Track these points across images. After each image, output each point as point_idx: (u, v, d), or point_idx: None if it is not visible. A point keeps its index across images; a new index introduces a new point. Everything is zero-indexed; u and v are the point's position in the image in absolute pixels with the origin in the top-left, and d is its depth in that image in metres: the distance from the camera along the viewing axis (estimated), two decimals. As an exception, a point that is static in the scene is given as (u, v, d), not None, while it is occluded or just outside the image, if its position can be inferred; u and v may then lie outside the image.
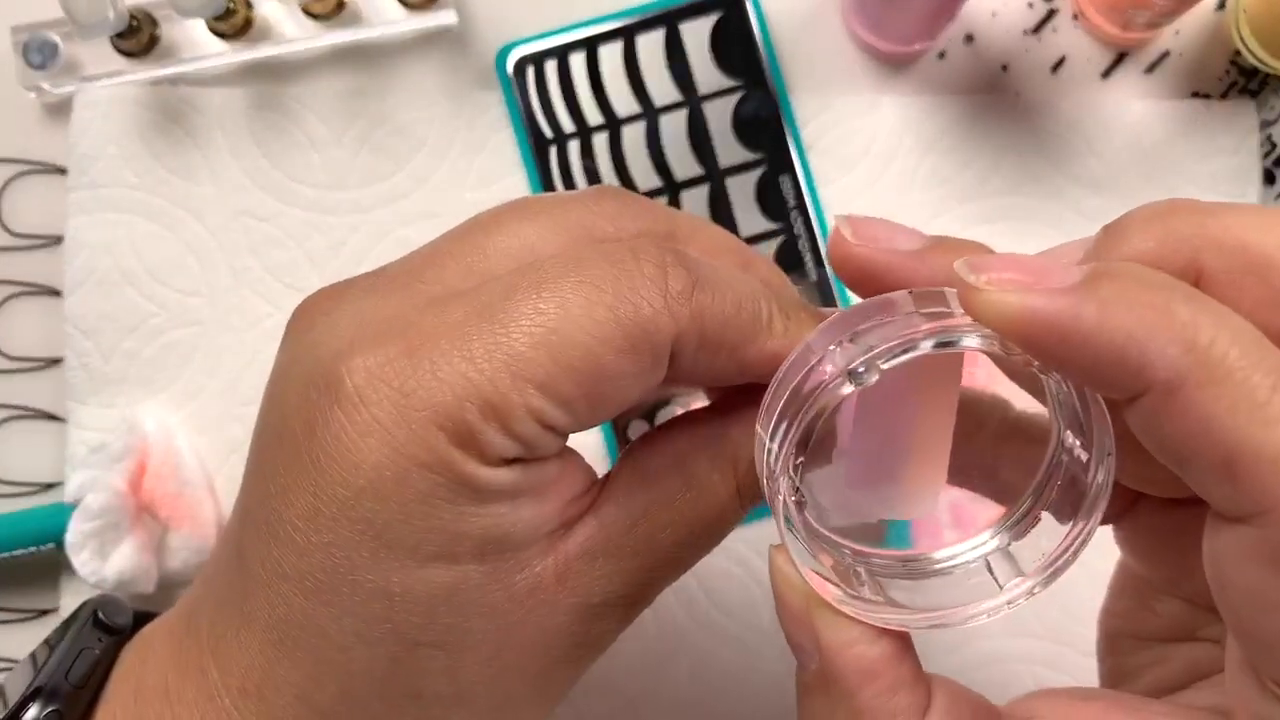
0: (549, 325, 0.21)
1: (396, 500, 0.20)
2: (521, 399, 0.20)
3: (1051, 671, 0.40)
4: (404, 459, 0.20)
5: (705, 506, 0.24)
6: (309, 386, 0.21)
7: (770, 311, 0.23)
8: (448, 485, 0.20)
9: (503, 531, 0.21)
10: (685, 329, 0.21)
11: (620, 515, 0.23)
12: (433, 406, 0.20)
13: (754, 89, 0.41)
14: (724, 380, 0.23)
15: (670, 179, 0.41)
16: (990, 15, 0.42)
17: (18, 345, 0.42)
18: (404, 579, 0.21)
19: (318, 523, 0.21)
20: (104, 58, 0.41)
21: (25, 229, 0.42)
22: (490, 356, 0.20)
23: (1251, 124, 0.41)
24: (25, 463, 0.41)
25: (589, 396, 0.21)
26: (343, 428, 0.20)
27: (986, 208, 0.41)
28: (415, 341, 0.21)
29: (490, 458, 0.21)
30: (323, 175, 0.41)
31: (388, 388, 0.20)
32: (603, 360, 0.21)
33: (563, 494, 0.23)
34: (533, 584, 0.22)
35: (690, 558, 0.24)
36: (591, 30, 0.41)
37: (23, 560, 0.39)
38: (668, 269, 0.22)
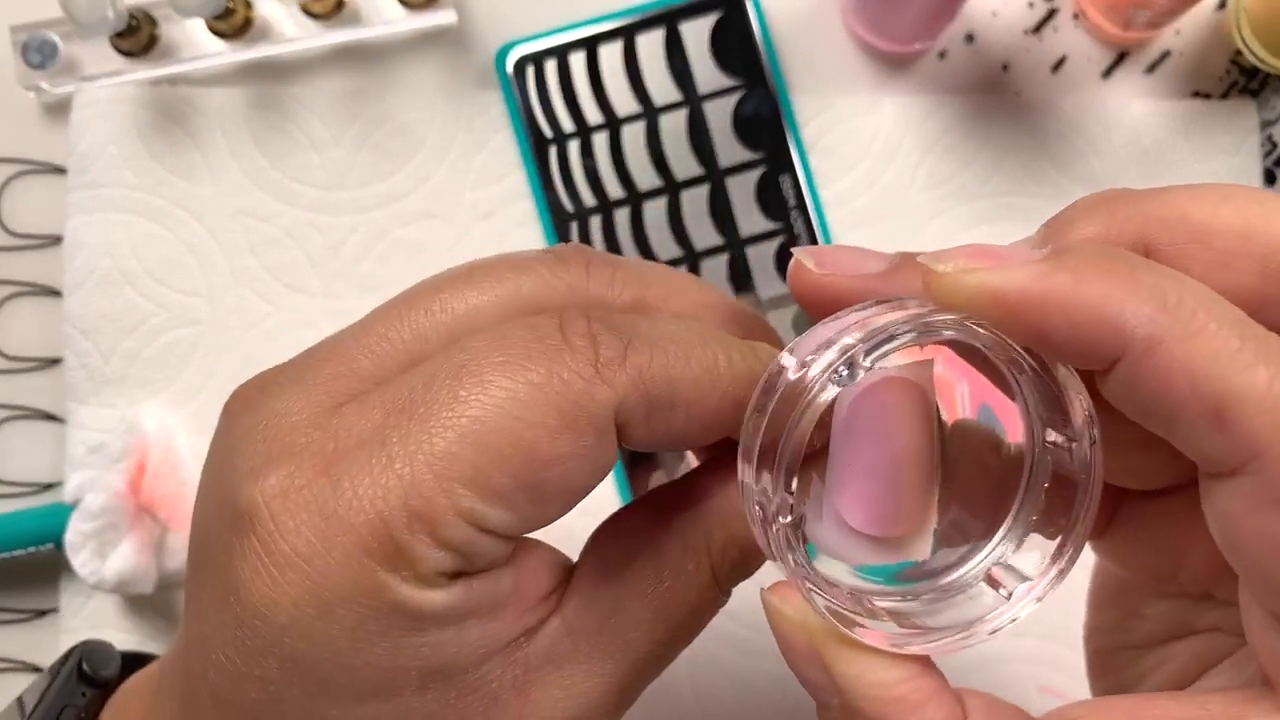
0: (471, 414, 0.19)
1: (322, 638, 0.19)
2: (449, 501, 0.18)
3: (1052, 671, 0.40)
4: (326, 593, 0.18)
5: (680, 597, 0.22)
6: (225, 508, 0.20)
7: (729, 357, 0.21)
8: (378, 616, 0.19)
9: (446, 659, 0.19)
10: (626, 395, 0.20)
11: (588, 616, 0.21)
12: (356, 528, 0.18)
13: (754, 88, 0.41)
14: (695, 441, 0.22)
15: (670, 179, 0.41)
16: (991, 15, 0.42)
17: (17, 345, 0.42)
18: (342, 716, 0.19)
19: (245, 654, 0.19)
20: (103, 57, 0.41)
21: (24, 229, 0.42)
22: (411, 459, 0.18)
23: (1252, 124, 0.41)
24: (24, 463, 0.41)
25: (528, 488, 0.19)
26: (260, 559, 0.19)
27: (987, 207, 0.41)
28: (332, 454, 0.19)
29: (425, 575, 0.19)
30: (322, 175, 0.41)
31: (305, 513, 0.19)
32: (536, 445, 0.19)
33: (521, 603, 0.21)
34: (488, 702, 0.20)
35: (669, 653, 0.22)
36: (591, 30, 0.41)
37: (22, 560, 0.39)
38: (595, 336, 0.20)
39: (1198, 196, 0.19)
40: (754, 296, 0.41)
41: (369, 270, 0.41)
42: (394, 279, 0.41)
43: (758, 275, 0.41)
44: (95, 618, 0.40)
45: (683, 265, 0.41)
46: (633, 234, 0.41)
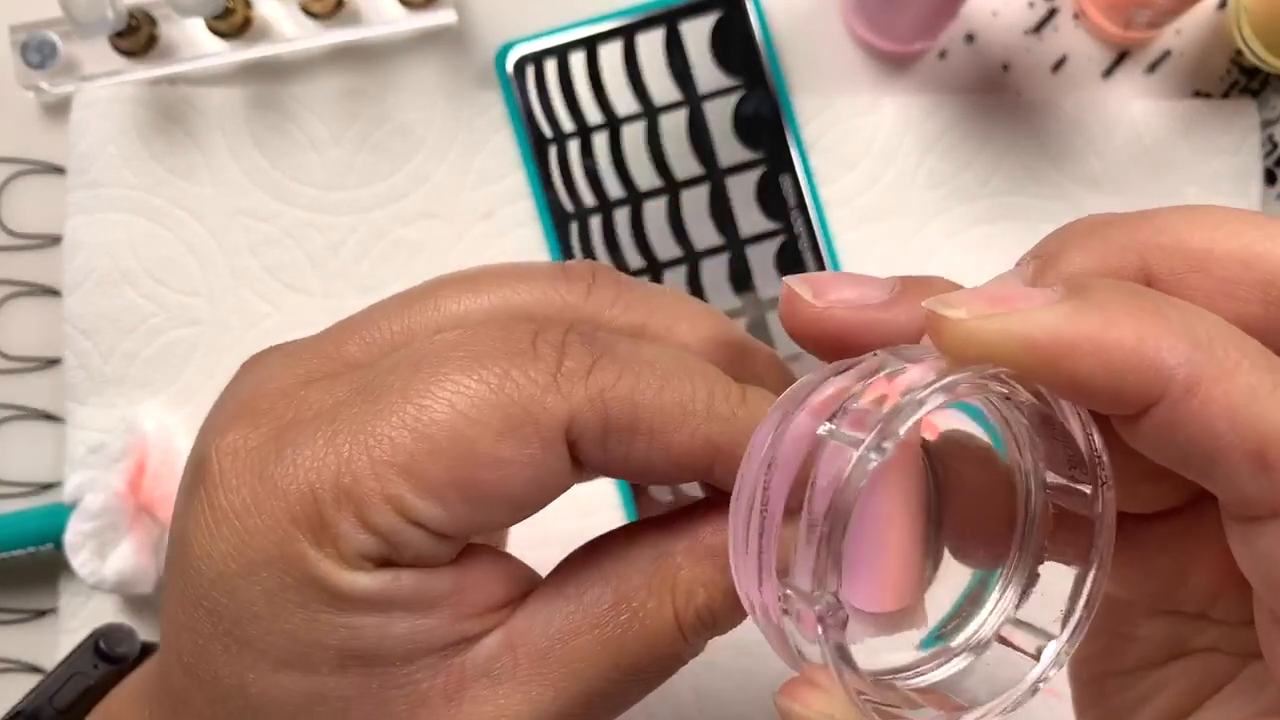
0: (420, 403, 0.18)
1: (244, 596, 0.19)
2: (379, 485, 0.18)
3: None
4: (252, 551, 0.18)
5: (636, 634, 0.20)
6: (191, 462, 0.20)
7: (710, 394, 0.20)
8: (298, 586, 0.18)
9: (368, 645, 0.19)
10: (580, 411, 0.19)
11: (534, 635, 0.20)
12: (287, 495, 0.18)
13: (754, 88, 0.41)
14: (661, 476, 0.20)
15: (670, 178, 0.41)
16: (991, 14, 0.42)
17: (17, 345, 0.42)
18: (259, 680, 0.19)
19: (182, 603, 0.19)
20: (103, 57, 0.41)
21: (24, 229, 0.42)
22: (352, 438, 0.18)
23: (1252, 123, 0.41)
24: (24, 463, 0.41)
25: (463, 486, 0.18)
26: (202, 511, 0.19)
27: (987, 207, 0.41)
28: (289, 423, 0.19)
29: (349, 556, 0.18)
30: (322, 175, 0.41)
31: (248, 472, 0.19)
32: (476, 444, 0.18)
33: (461, 608, 0.20)
34: (415, 702, 0.19)
35: (619, 696, 0.21)
36: (591, 29, 0.41)
37: (21, 561, 0.39)
38: (566, 346, 0.19)
39: (1193, 221, 0.18)
40: (754, 296, 0.41)
41: (369, 270, 0.41)
42: (394, 279, 0.41)
43: (758, 275, 0.41)
44: (95, 618, 0.40)
45: (683, 265, 0.41)
46: (633, 234, 0.41)
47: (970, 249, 0.41)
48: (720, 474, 0.20)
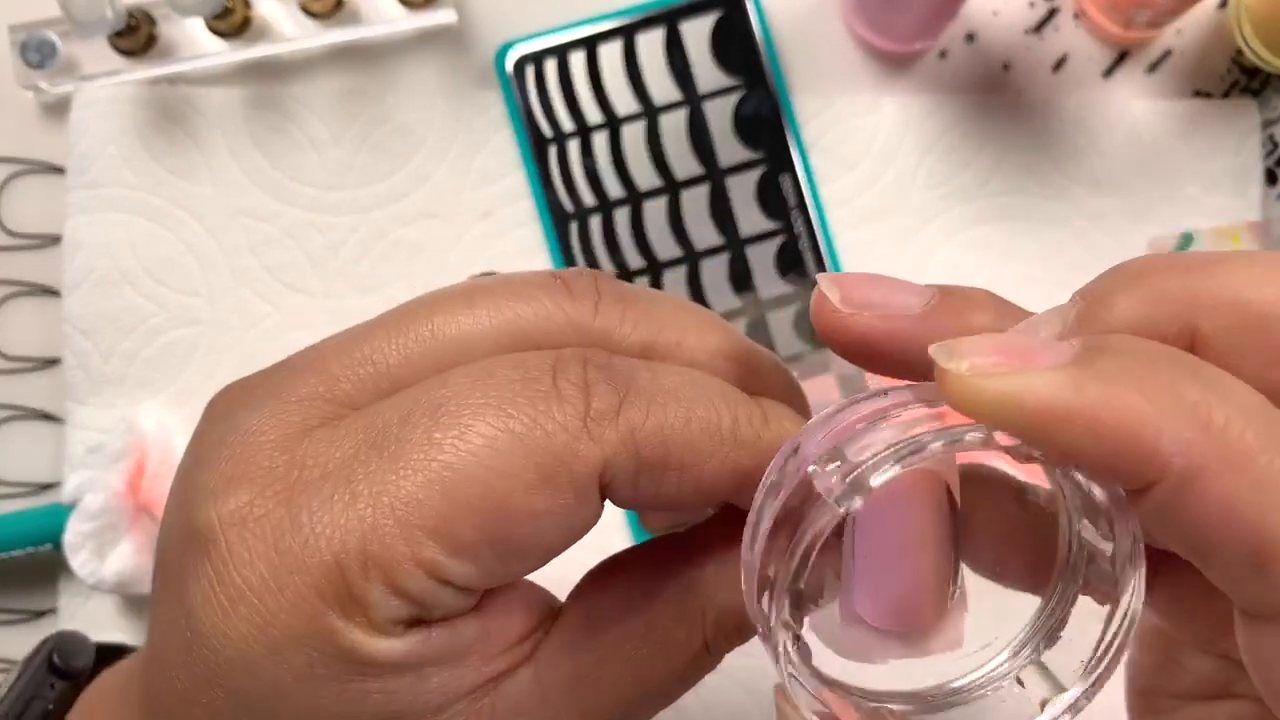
0: (443, 459, 0.18)
1: (269, 677, 0.18)
2: (409, 549, 0.17)
3: None
4: (275, 632, 0.17)
5: (664, 662, 0.20)
6: (185, 526, 0.19)
7: (736, 418, 0.19)
8: (328, 660, 0.18)
9: (400, 707, 0.18)
10: (614, 454, 0.18)
11: (563, 669, 0.20)
12: (310, 569, 0.17)
13: (754, 88, 0.41)
14: (687, 505, 0.20)
15: (670, 178, 0.41)
16: (991, 14, 0.42)
17: (16, 345, 0.42)
18: None
19: (194, 680, 0.18)
20: (102, 57, 0.41)
21: (23, 229, 0.42)
22: (375, 500, 0.17)
23: (1253, 123, 0.41)
24: (23, 463, 0.41)
25: (495, 543, 0.18)
26: (212, 588, 0.18)
27: (987, 207, 0.41)
28: (295, 483, 0.18)
29: (378, 623, 0.18)
30: (322, 175, 0.41)
31: (261, 545, 0.18)
32: (508, 499, 0.18)
33: (488, 650, 0.19)
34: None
35: (645, 713, 0.21)
36: (591, 29, 0.41)
37: (20, 561, 0.39)
38: (590, 385, 0.18)
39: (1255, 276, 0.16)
40: (754, 296, 0.41)
41: (369, 270, 0.41)
42: (394, 279, 0.41)
43: (758, 275, 0.41)
44: (94, 618, 0.40)
45: (683, 265, 0.41)
46: (633, 234, 0.41)
47: (970, 248, 0.41)
48: (748, 497, 0.19)
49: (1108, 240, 0.41)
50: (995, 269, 0.41)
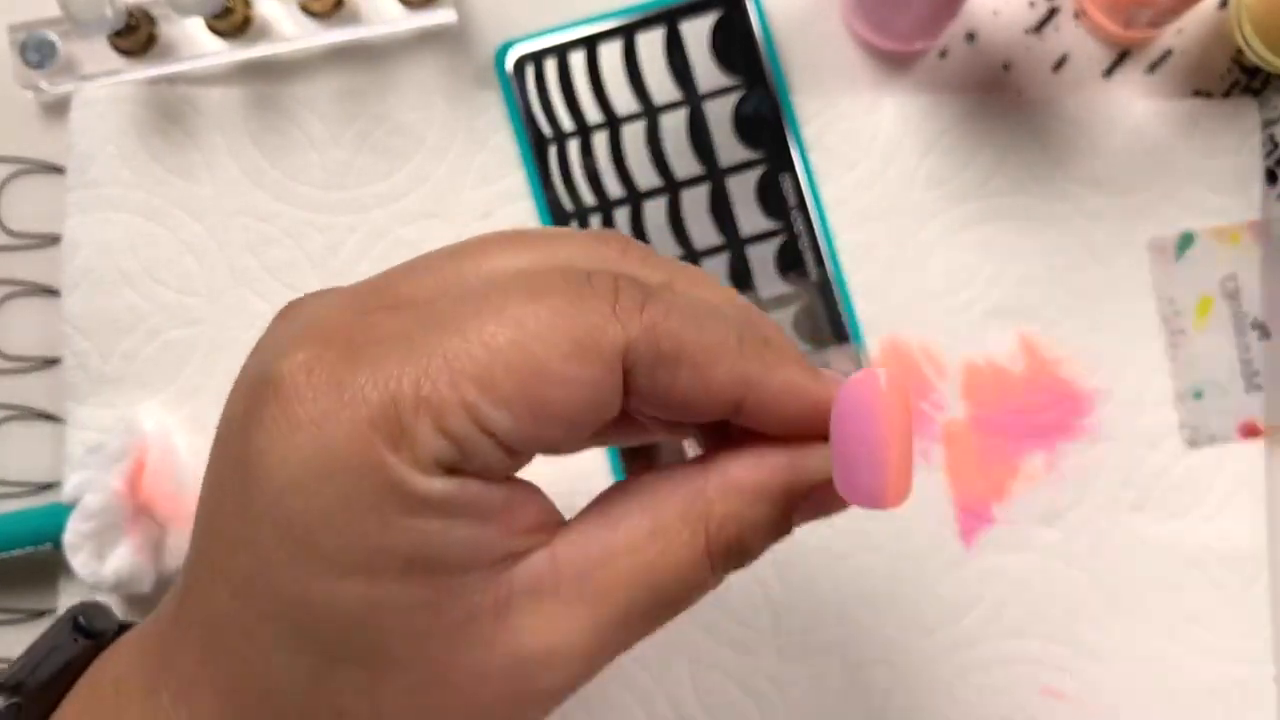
0: (491, 327, 0.20)
1: (319, 501, 0.20)
2: (457, 393, 0.20)
3: (1053, 672, 0.40)
4: (331, 457, 0.20)
5: (670, 562, 0.22)
6: (252, 385, 0.21)
7: (741, 337, 0.22)
8: (375, 489, 0.20)
9: (433, 550, 0.20)
10: (636, 339, 0.21)
11: (576, 556, 0.22)
12: (367, 403, 0.20)
13: (754, 87, 0.41)
14: (697, 409, 0.23)
15: (670, 178, 0.41)
16: (992, 13, 0.42)
17: (15, 345, 0.42)
18: (323, 589, 0.20)
19: (245, 518, 0.20)
20: (102, 56, 0.41)
21: (23, 228, 0.42)
22: (430, 353, 0.20)
23: (1254, 123, 0.41)
24: (23, 463, 0.41)
25: (531, 400, 0.20)
26: (275, 422, 0.20)
27: (987, 207, 0.41)
28: (360, 341, 0.20)
29: (423, 461, 0.20)
30: (321, 174, 0.41)
31: (323, 382, 0.20)
32: (545, 363, 0.20)
33: (511, 524, 0.21)
34: (466, 615, 0.21)
35: (649, 619, 0.23)
36: (591, 28, 0.41)
37: (20, 561, 0.39)
38: (620, 287, 0.21)
39: None
40: (754, 296, 0.41)
41: (369, 270, 0.41)
42: (393, 279, 0.41)
43: (758, 275, 0.41)
44: (94, 618, 0.40)
45: (683, 265, 0.41)
46: (633, 233, 0.41)
47: (970, 248, 0.41)
48: (751, 406, 0.23)
49: (1108, 240, 0.41)
50: (995, 268, 0.41)
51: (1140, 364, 0.41)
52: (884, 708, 0.40)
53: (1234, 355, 0.41)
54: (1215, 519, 0.40)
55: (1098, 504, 0.40)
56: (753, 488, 0.23)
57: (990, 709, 0.40)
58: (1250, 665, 0.40)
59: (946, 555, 0.40)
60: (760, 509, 0.23)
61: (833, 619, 0.40)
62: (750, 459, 0.23)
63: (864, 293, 0.41)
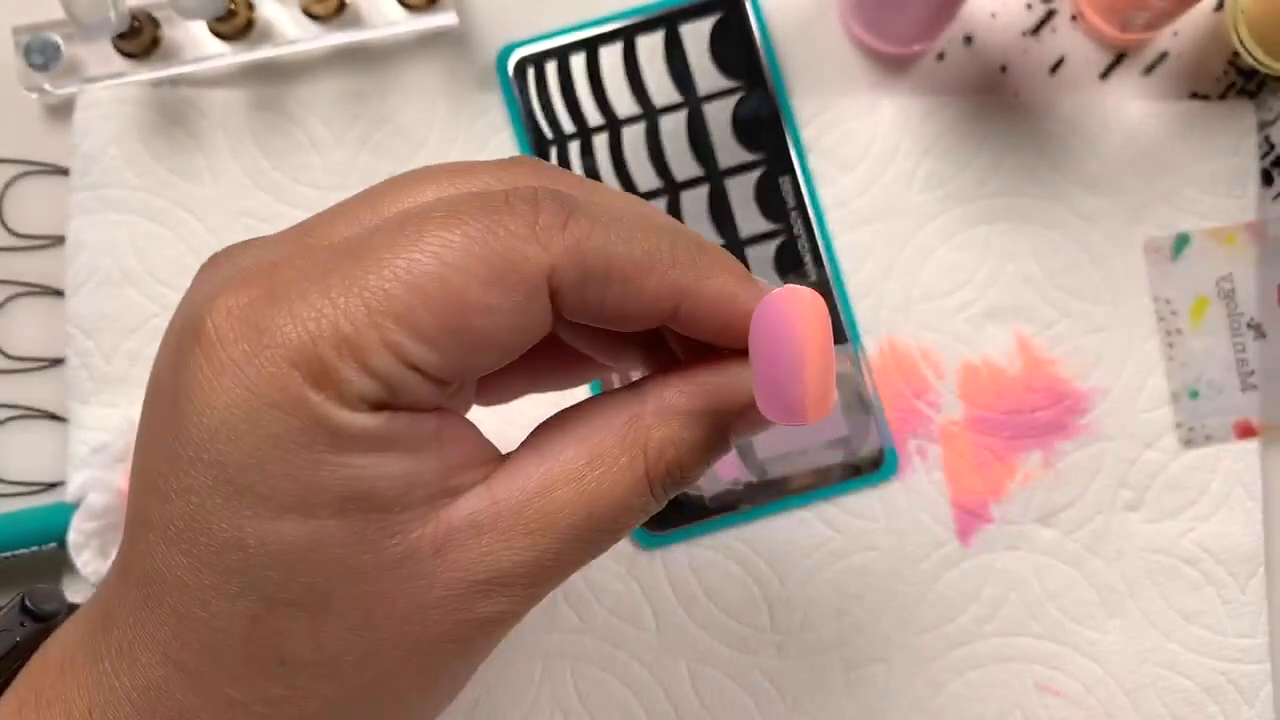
0: (409, 257, 0.20)
1: (248, 442, 0.19)
2: (378, 333, 0.20)
3: (1050, 670, 0.40)
4: (256, 398, 0.19)
5: (609, 488, 0.22)
6: (180, 331, 0.21)
7: (674, 244, 0.22)
8: (302, 428, 0.19)
9: (366, 486, 0.20)
10: (559, 260, 0.21)
11: (514, 488, 0.22)
12: (286, 344, 0.19)
13: (754, 90, 0.41)
14: (633, 320, 0.23)
15: (670, 179, 0.41)
16: (989, 16, 0.42)
17: (19, 345, 0.42)
18: (258, 529, 0.20)
19: (176, 466, 0.20)
20: (106, 59, 0.41)
21: (27, 229, 0.42)
22: (347, 290, 0.20)
23: (1250, 125, 0.42)
24: (27, 462, 0.41)
25: (453, 332, 0.20)
26: (199, 367, 0.20)
27: (985, 208, 0.41)
28: (279, 283, 0.20)
29: (349, 398, 0.20)
30: (323, 176, 0.41)
31: (245, 326, 0.20)
32: (464, 293, 0.20)
33: (446, 456, 0.21)
34: (405, 551, 0.21)
35: (591, 545, 0.23)
36: (591, 31, 0.42)
37: (25, 560, 0.39)
38: (540, 204, 0.21)
39: None
40: (753, 297, 0.41)
41: (370, 271, 0.41)
42: (395, 279, 0.41)
43: (757, 276, 0.41)
44: (97, 616, 0.40)
45: (682, 266, 0.41)
46: (633, 234, 0.41)
47: (968, 249, 0.41)
48: (685, 314, 0.23)
49: (1104, 241, 0.41)
50: (992, 269, 0.41)
51: (1136, 364, 0.41)
52: (882, 705, 0.40)
53: (1229, 355, 0.41)
54: (1211, 518, 0.41)
55: (1094, 503, 0.41)
56: (687, 409, 0.23)
57: (987, 707, 0.40)
58: (1246, 664, 0.40)
59: (944, 554, 0.40)
60: (697, 430, 0.23)
61: (831, 617, 0.40)
62: (683, 381, 0.23)
63: (862, 293, 0.41)
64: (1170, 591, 0.40)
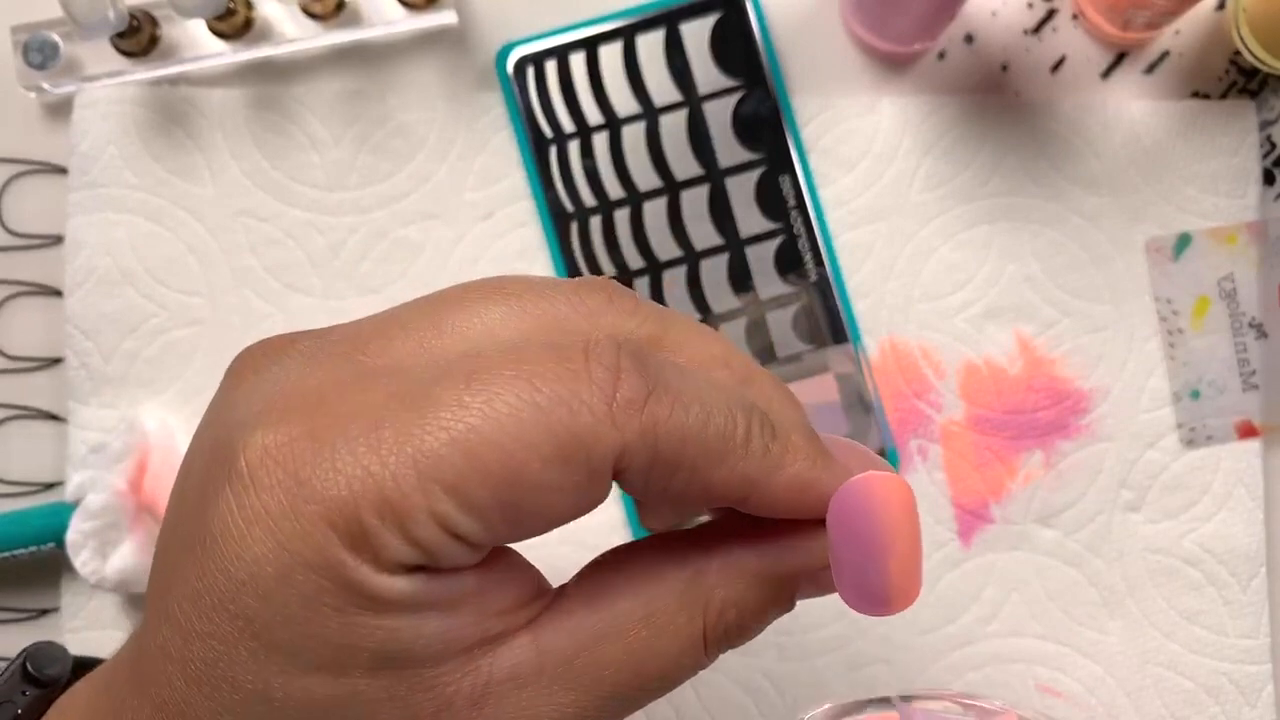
0: (469, 422, 0.18)
1: (278, 600, 0.18)
2: (425, 500, 0.18)
3: (1050, 670, 0.40)
4: (288, 555, 0.18)
5: (663, 648, 0.21)
6: (211, 457, 0.20)
7: (749, 429, 0.20)
8: (335, 590, 0.18)
9: (401, 646, 0.19)
10: (632, 443, 0.19)
11: (562, 641, 0.20)
12: (326, 500, 0.18)
13: (754, 89, 0.41)
14: (692, 505, 0.21)
15: (670, 179, 0.41)
16: (990, 15, 0.42)
17: (18, 345, 0.42)
18: (285, 685, 0.19)
19: (200, 608, 0.19)
20: (104, 58, 0.41)
21: (26, 229, 0.42)
22: (399, 449, 0.18)
23: (1251, 124, 0.41)
24: (26, 462, 0.41)
25: (505, 507, 0.19)
26: (230, 510, 0.19)
27: (986, 208, 0.41)
28: (324, 423, 0.19)
29: (386, 563, 0.18)
30: (322, 175, 0.41)
31: (282, 472, 0.18)
32: (525, 468, 0.18)
33: (486, 607, 0.20)
34: (440, 705, 0.20)
35: (633, 703, 0.21)
36: (591, 30, 0.41)
37: (23, 560, 0.39)
38: (621, 372, 0.19)
39: None
40: (753, 296, 0.41)
41: (369, 270, 0.41)
42: (394, 279, 0.41)
43: (757, 275, 0.41)
44: (96, 617, 0.40)
45: (682, 265, 0.41)
46: (633, 234, 0.41)
47: (969, 249, 0.41)
48: (753, 504, 0.21)
49: (1105, 240, 0.41)
50: (993, 269, 0.41)
51: (1137, 364, 0.41)
52: (882, 706, 0.40)
53: (1231, 355, 0.41)
54: (1212, 518, 0.40)
55: (1095, 503, 0.41)
56: (757, 571, 0.21)
57: (988, 707, 0.40)
58: (1247, 664, 0.40)
59: (945, 554, 0.40)
60: (763, 592, 0.22)
61: (832, 618, 0.40)
62: (755, 539, 0.22)
63: (863, 293, 0.41)
64: (1171, 592, 0.40)
